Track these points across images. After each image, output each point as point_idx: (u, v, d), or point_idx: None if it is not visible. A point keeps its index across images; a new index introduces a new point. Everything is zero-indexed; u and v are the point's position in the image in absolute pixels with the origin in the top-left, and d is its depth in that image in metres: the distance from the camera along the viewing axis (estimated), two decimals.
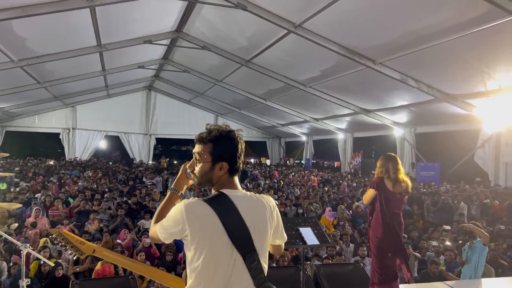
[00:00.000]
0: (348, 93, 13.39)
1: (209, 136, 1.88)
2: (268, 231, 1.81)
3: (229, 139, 1.90)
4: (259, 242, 1.76)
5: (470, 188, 12.12)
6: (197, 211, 1.74)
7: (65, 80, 13.88)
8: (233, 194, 1.80)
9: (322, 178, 17.61)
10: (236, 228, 1.72)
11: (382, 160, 4.39)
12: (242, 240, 1.72)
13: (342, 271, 4.10)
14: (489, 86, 9.43)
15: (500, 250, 7.25)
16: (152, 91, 22.38)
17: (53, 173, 15.27)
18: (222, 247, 1.71)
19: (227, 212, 1.74)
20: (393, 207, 4.21)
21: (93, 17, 8.68)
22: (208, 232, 1.71)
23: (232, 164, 1.86)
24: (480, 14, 6.58)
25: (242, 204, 1.78)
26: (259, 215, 1.80)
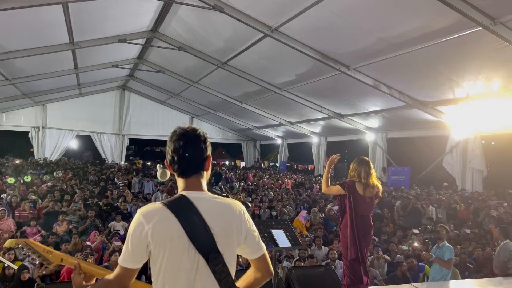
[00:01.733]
0: (323, 98, 13.58)
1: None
2: (234, 234, 1.73)
3: (169, 139, 1.80)
4: (224, 245, 1.69)
5: (437, 192, 12.49)
6: (155, 214, 1.67)
7: (35, 77, 13.46)
8: (193, 196, 1.73)
9: (296, 181, 17.75)
10: (197, 230, 1.65)
11: (355, 164, 4.45)
12: (204, 242, 1.65)
13: (314, 274, 4.14)
14: (457, 94, 9.77)
15: (466, 253, 7.48)
16: (126, 91, 22.00)
17: (21, 172, 14.77)
18: (183, 250, 1.64)
19: (186, 213, 1.67)
20: (362, 210, 4.27)
21: (65, 14, 8.47)
22: (167, 235, 1.64)
23: (174, 164, 1.76)
24: (449, 24, 6.81)
25: (204, 205, 1.71)
26: (224, 217, 1.73)
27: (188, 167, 1.77)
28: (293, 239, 3.20)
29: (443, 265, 5.73)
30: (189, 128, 1.80)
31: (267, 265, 1.85)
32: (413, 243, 7.79)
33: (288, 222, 3.51)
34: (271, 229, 3.25)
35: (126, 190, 12.07)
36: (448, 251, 5.80)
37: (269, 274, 1.88)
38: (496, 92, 9.09)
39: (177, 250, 1.64)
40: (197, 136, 1.79)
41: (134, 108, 22.28)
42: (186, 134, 1.77)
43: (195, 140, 1.78)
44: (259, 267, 1.84)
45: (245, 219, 1.78)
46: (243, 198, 11.75)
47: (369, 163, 4.45)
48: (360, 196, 4.27)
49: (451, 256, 5.77)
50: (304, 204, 11.86)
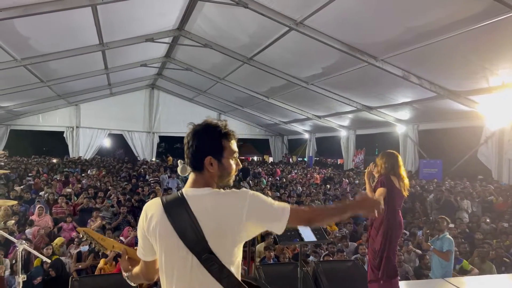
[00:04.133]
0: (350, 90, 13.37)
1: None
2: (234, 230, 1.64)
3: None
4: (218, 244, 1.62)
5: (471, 185, 12.08)
6: (152, 209, 1.71)
7: (68, 78, 13.94)
8: (190, 193, 1.70)
9: (325, 175, 17.61)
10: (187, 229, 1.61)
11: (385, 157, 4.33)
12: (195, 242, 1.61)
13: (341, 268, 4.11)
14: (492, 82, 9.38)
15: (502, 248, 7.23)
16: (155, 89, 22.44)
17: (57, 171, 15.37)
18: (176, 249, 1.64)
19: (177, 212, 1.65)
20: (397, 205, 4.19)
21: (95, 16, 8.71)
22: (160, 233, 1.66)
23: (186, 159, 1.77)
24: (481, 10, 6.55)
25: (199, 202, 1.66)
26: (221, 213, 1.64)
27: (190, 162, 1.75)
28: (318, 233, 3.19)
29: (441, 256, 5.73)
30: (203, 122, 1.76)
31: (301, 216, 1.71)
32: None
33: None
34: None
35: (156, 187, 12.33)
36: (447, 243, 5.79)
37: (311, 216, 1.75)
38: None
39: (169, 248, 1.65)
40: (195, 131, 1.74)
41: (163, 106, 22.69)
42: (195, 128, 1.74)
43: (201, 134, 1.73)
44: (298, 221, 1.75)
45: (249, 201, 1.64)
46: (271, 193, 11.78)
47: (398, 155, 4.35)
48: (396, 189, 4.18)
49: (450, 248, 5.76)
50: (334, 199, 11.75)
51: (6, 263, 6.38)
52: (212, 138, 1.71)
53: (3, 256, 6.47)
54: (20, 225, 8.24)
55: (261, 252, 6.86)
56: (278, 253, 6.80)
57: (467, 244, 7.34)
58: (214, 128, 1.72)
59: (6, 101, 15.76)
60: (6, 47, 9.43)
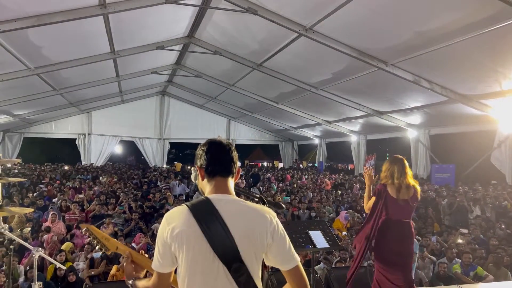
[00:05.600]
0: (361, 95, 13.31)
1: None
2: (258, 241, 1.64)
3: (201, 146, 1.90)
4: (248, 253, 1.62)
5: (484, 190, 11.90)
6: (176, 217, 1.68)
7: (80, 86, 14.15)
8: (218, 198, 1.72)
9: (336, 181, 17.51)
10: (217, 235, 1.60)
11: (387, 164, 4.10)
12: (226, 250, 1.59)
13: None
14: (504, 86, 9.27)
15: None
16: (165, 96, 22.61)
17: (69, 178, 15.54)
18: (204, 256, 1.61)
19: (208, 218, 1.64)
20: (396, 215, 3.91)
21: (106, 25, 8.85)
22: (188, 240, 1.62)
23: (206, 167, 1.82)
24: (492, 13, 6.49)
25: (228, 209, 1.67)
26: (248, 222, 1.66)
27: (218, 168, 1.81)
28: (331, 239, 3.17)
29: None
30: (218, 139, 1.90)
31: (301, 279, 1.72)
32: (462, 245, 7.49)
33: (325, 223, 3.47)
34: (309, 229, 3.23)
35: (167, 193, 12.39)
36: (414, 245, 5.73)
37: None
38: None
39: (198, 255, 1.61)
40: (225, 144, 1.87)
41: (173, 113, 22.85)
42: (217, 142, 1.87)
43: (225, 147, 1.86)
44: (291, 280, 1.72)
45: (274, 225, 1.68)
46: (280, 199, 11.75)
47: (403, 161, 4.05)
48: (391, 200, 3.91)
49: (416, 250, 5.69)
50: (344, 205, 11.68)
51: (21, 270, 6.45)
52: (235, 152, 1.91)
53: (17, 262, 6.55)
54: (33, 232, 8.33)
55: None
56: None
57: (484, 250, 7.22)
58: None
59: (20, 109, 16.03)
60: (20, 56, 9.61)
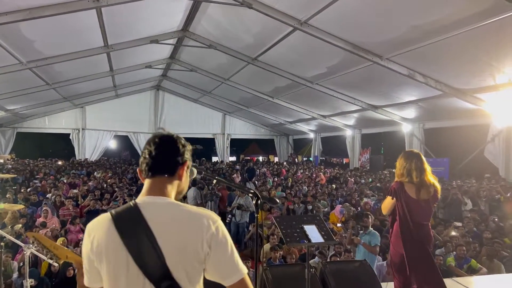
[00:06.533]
0: (356, 90, 13.32)
1: None
2: (198, 255, 1.39)
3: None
4: (182, 269, 1.37)
5: (478, 183, 11.98)
6: (96, 228, 1.45)
7: (74, 81, 14.04)
8: (148, 202, 1.47)
9: (331, 175, 17.57)
10: (144, 249, 1.36)
11: (402, 160, 3.67)
12: (153, 266, 1.35)
13: (349, 268, 4.09)
14: (498, 80, 9.31)
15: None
16: (160, 91, 22.52)
17: (63, 173, 15.46)
18: (127, 273, 1.37)
19: (131, 228, 1.39)
20: (417, 218, 3.55)
21: (99, 18, 8.76)
22: (107, 254, 1.40)
23: (142, 164, 1.58)
24: (486, 7, 6.49)
25: (158, 216, 1.42)
26: (182, 232, 1.39)
27: (153, 166, 1.54)
28: (326, 234, 3.17)
29: (370, 250, 5.94)
30: (165, 133, 1.64)
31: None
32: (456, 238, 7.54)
33: (320, 218, 3.47)
34: (303, 224, 3.23)
35: None
36: (375, 237, 6.05)
37: None
38: None
39: (116, 270, 1.39)
40: (170, 140, 1.60)
41: (168, 107, 22.77)
42: (159, 137, 1.61)
43: (167, 143, 1.59)
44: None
45: (212, 232, 1.41)
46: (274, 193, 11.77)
47: (420, 156, 3.64)
48: (412, 201, 3.52)
49: (377, 242, 6.05)
50: (339, 198, 11.71)
51: (14, 266, 6.41)
52: (187, 147, 1.64)
53: (11, 258, 6.51)
54: (27, 228, 8.28)
55: (268, 253, 6.85)
56: (285, 253, 6.79)
57: (477, 243, 7.28)
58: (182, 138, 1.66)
59: (13, 104, 15.89)
60: (12, 50, 9.50)
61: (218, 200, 11.23)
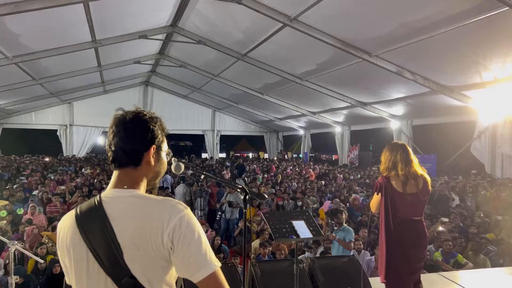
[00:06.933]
0: (345, 86, 13.39)
1: None
2: (159, 250, 1.28)
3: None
4: (141, 265, 1.29)
5: (464, 179, 12.15)
6: (62, 224, 1.42)
7: (61, 76, 13.85)
8: (110, 196, 1.38)
9: (320, 171, 17.65)
10: (102, 244, 1.30)
11: (387, 152, 3.47)
12: (111, 261, 1.28)
13: (337, 264, 4.12)
14: (484, 77, 9.43)
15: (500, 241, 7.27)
16: (149, 87, 22.35)
17: (51, 169, 15.27)
18: (87, 269, 1.33)
19: (90, 222, 1.34)
20: (404, 213, 3.36)
21: (87, 12, 8.64)
22: (68, 250, 1.37)
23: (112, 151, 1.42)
24: (474, 5, 6.57)
25: (119, 209, 1.34)
26: (140, 225, 1.29)
27: (115, 158, 1.41)
28: (314, 229, 3.18)
29: (345, 246, 5.95)
30: (120, 114, 1.44)
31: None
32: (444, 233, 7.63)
33: (309, 213, 3.49)
34: (292, 220, 3.24)
35: None
36: (349, 234, 6.08)
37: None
38: None
39: (77, 266, 1.35)
40: (127, 124, 1.40)
41: (157, 103, 22.60)
42: (115, 123, 1.42)
43: (124, 130, 1.40)
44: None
45: (174, 224, 1.28)
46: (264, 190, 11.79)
47: (406, 147, 3.44)
48: (398, 194, 3.33)
49: (352, 238, 6.09)
50: (328, 195, 11.78)
51: (0, 263, 6.32)
52: (154, 125, 1.43)
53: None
54: (13, 225, 8.17)
55: (257, 249, 6.86)
56: (274, 249, 6.81)
57: (463, 239, 7.38)
58: (150, 115, 1.46)
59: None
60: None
61: (208, 197, 11.21)
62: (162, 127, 1.48)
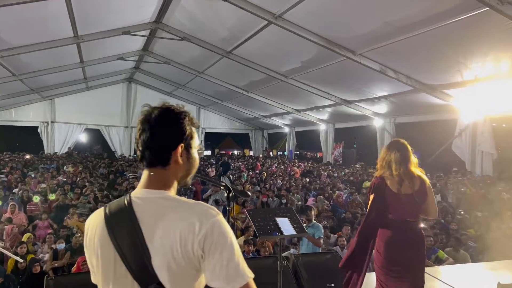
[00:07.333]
0: (329, 84, 13.47)
1: None
2: (189, 258, 1.23)
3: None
4: (170, 273, 1.23)
5: (446, 177, 12.37)
6: (90, 222, 1.39)
7: (42, 72, 13.56)
8: (140, 197, 1.32)
9: (304, 169, 17.75)
10: (131, 247, 1.25)
11: (383, 151, 3.40)
12: (139, 266, 1.24)
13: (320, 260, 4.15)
14: (465, 76, 9.60)
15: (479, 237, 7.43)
16: (132, 83, 22.07)
17: (31, 167, 14.98)
18: (114, 272, 1.29)
19: (120, 223, 1.29)
20: (396, 214, 3.22)
21: (68, 7, 8.46)
22: (96, 250, 1.33)
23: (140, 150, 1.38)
24: (455, 5, 6.66)
25: (149, 212, 1.28)
26: (170, 231, 1.23)
27: (143, 157, 1.36)
28: (298, 226, 3.20)
29: (314, 242, 6.00)
30: (146, 110, 1.41)
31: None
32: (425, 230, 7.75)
33: (293, 210, 3.50)
34: (276, 217, 3.25)
35: (135, 182, 12.16)
36: (318, 230, 6.16)
37: None
38: (505, 73, 8.90)
39: (105, 268, 1.32)
40: (153, 122, 1.35)
41: (141, 100, 22.29)
42: (141, 119, 1.39)
43: (151, 127, 1.35)
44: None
45: (205, 231, 1.22)
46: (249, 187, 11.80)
47: (402, 146, 3.32)
48: (392, 195, 3.21)
49: (321, 235, 6.17)
50: (312, 192, 11.86)
51: None
52: (182, 122, 1.36)
53: None
54: None
55: (241, 246, 6.86)
56: (259, 246, 6.83)
57: (444, 235, 7.52)
58: (179, 110, 1.40)
59: None
60: None
61: (193, 195, 11.16)
62: (192, 122, 1.40)
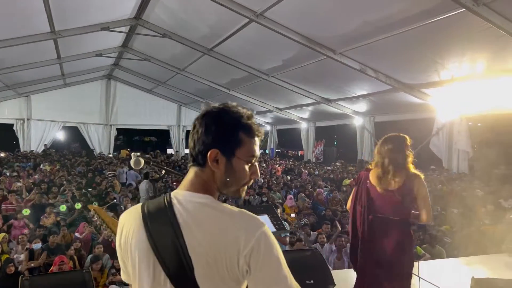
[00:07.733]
0: (310, 83, 13.56)
1: None
2: (233, 272, 1.17)
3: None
4: (210, 284, 1.17)
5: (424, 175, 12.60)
6: (125, 219, 1.32)
7: (17, 68, 13.19)
8: (181, 199, 1.25)
9: (286, 167, 17.83)
10: (171, 251, 1.18)
11: (378, 146, 3.25)
12: (179, 272, 1.17)
13: (300, 257, 4.17)
14: (442, 76, 9.80)
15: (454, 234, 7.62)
16: (111, 80, 21.69)
17: (7, 166, 14.58)
18: (151, 275, 1.23)
19: (159, 225, 1.22)
20: (376, 211, 3.13)
21: (45, 1, 8.26)
22: (132, 251, 1.26)
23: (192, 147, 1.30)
24: (433, 6, 6.79)
25: (191, 216, 1.21)
26: (215, 242, 1.16)
27: (190, 153, 1.30)
28: (277, 224, 3.22)
29: (280, 241, 6.06)
30: (214, 106, 1.31)
31: None
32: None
33: (273, 208, 3.51)
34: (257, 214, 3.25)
35: (114, 180, 12.00)
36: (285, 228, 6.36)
37: None
38: (481, 73, 9.13)
39: (141, 270, 1.25)
40: (204, 114, 1.28)
41: (120, 98, 22.01)
42: (209, 110, 1.30)
43: (200, 124, 1.27)
44: None
45: (251, 246, 1.15)
46: None
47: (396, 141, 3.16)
48: (371, 189, 3.14)
49: (287, 233, 6.32)
50: (293, 189, 11.93)
51: None
52: (226, 125, 1.24)
53: None
54: None
55: None
56: None
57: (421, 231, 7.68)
58: (233, 113, 1.26)
59: None
60: None
61: None
62: (248, 129, 1.26)
